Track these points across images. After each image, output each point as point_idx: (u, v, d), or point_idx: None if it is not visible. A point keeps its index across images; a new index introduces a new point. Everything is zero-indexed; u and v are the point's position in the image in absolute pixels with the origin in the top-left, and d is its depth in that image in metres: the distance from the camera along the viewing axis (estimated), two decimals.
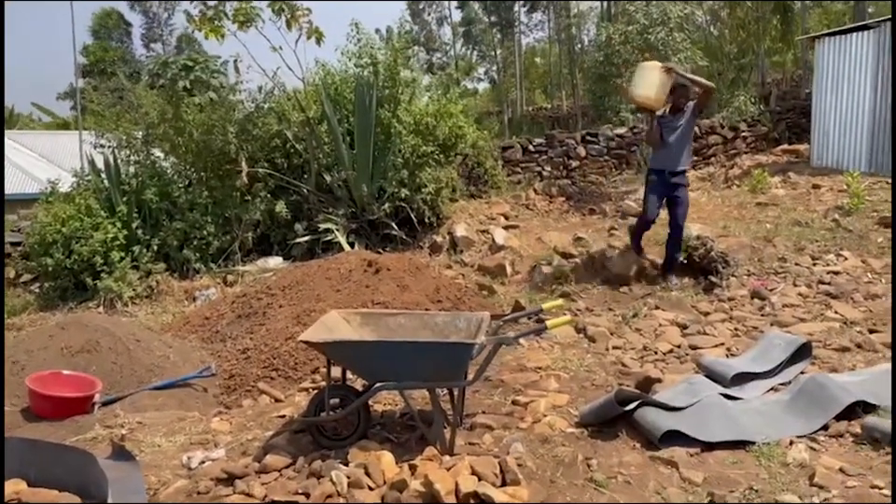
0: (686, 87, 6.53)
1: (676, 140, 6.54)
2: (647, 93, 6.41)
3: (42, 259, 8.00)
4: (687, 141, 6.63)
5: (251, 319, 6.19)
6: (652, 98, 6.39)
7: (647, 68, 6.57)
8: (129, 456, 3.57)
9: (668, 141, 6.55)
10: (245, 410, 4.56)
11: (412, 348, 3.37)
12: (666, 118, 6.61)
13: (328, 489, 3.00)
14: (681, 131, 6.55)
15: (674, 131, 6.55)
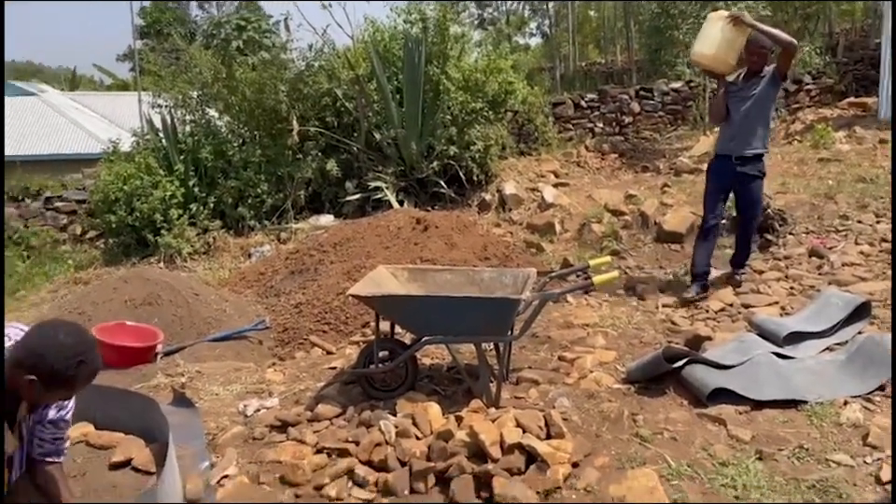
0: (762, 45, 4.97)
1: (745, 115, 5.02)
2: (705, 50, 5.08)
3: (106, 216, 8.32)
4: (761, 117, 5.06)
5: (304, 275, 6.34)
6: (710, 56, 5.05)
7: (710, 20, 5.16)
8: (189, 403, 3.75)
9: (734, 116, 5.08)
10: (297, 361, 4.71)
11: (458, 303, 3.40)
12: (737, 84, 5.13)
13: (376, 438, 3.09)
14: (754, 102, 5.00)
15: (743, 102, 5.04)
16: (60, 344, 2.05)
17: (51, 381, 2.04)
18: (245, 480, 2.98)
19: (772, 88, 5.07)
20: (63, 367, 2.03)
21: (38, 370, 2.01)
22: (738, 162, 5.06)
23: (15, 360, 2.05)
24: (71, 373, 2.05)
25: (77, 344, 2.08)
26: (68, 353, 2.05)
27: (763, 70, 5.03)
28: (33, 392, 2.06)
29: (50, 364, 2.02)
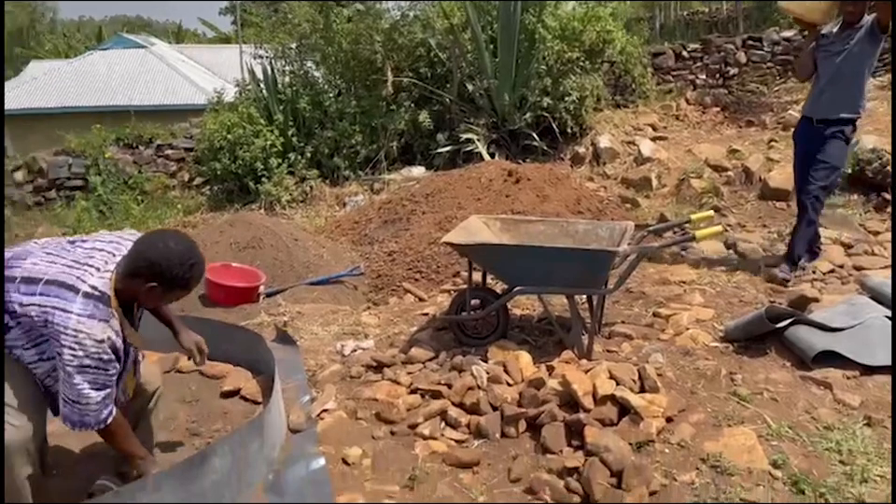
0: None
1: (835, 72, 4.41)
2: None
3: (211, 164, 8.72)
4: (854, 75, 4.39)
5: (396, 224, 6.46)
6: (801, 3, 4.57)
7: None
8: (291, 341, 3.95)
9: (822, 73, 4.50)
10: (391, 307, 4.84)
11: (552, 254, 3.38)
12: (830, 37, 4.48)
13: (468, 382, 3.16)
14: (846, 58, 4.37)
15: (834, 57, 4.41)
16: (173, 251, 2.28)
17: (171, 284, 2.29)
18: (343, 414, 3.13)
19: (869, 42, 4.34)
20: (181, 271, 2.27)
21: (158, 276, 2.24)
22: (822, 126, 4.48)
23: (131, 271, 2.26)
24: (187, 275, 2.30)
25: (187, 249, 2.32)
26: (182, 258, 2.28)
27: (861, 21, 4.36)
28: (154, 297, 2.31)
29: (168, 269, 2.25)
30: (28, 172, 9.19)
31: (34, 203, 9.06)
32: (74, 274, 2.22)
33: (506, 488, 2.57)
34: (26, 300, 2.18)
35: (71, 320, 2.14)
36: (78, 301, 2.17)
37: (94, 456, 2.82)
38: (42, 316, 2.16)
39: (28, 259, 2.28)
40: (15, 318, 2.23)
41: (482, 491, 2.55)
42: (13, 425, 2.24)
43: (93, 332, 2.18)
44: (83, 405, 2.22)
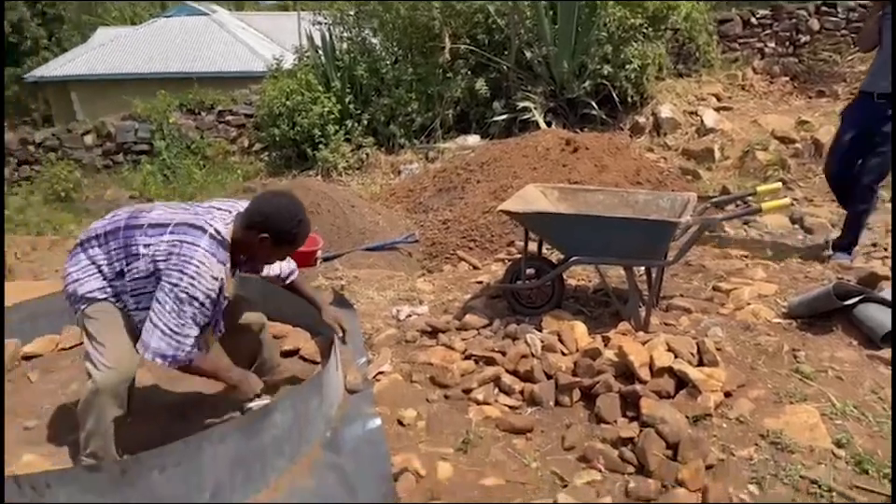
0: None
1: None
2: None
3: (270, 130, 8.86)
4: None
5: (451, 193, 6.47)
6: None
7: None
8: (348, 304, 4.02)
9: (885, 44, 4.18)
10: (445, 274, 4.87)
11: (612, 224, 3.33)
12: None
13: (522, 350, 3.16)
14: None
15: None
16: (284, 207, 2.51)
17: (279, 237, 2.47)
18: (398, 377, 3.18)
19: None
20: (289, 225, 2.48)
21: (269, 228, 2.45)
22: (882, 102, 4.11)
23: (247, 223, 2.48)
24: (295, 230, 2.51)
25: (296, 208, 2.54)
26: (291, 214, 2.50)
27: None
28: (265, 249, 2.49)
29: (279, 223, 2.46)
30: (97, 136, 9.52)
31: (102, 167, 9.39)
32: (201, 218, 2.47)
33: (559, 455, 2.58)
34: (153, 240, 2.41)
35: (198, 252, 2.36)
36: (205, 239, 2.40)
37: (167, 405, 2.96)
38: (167, 250, 2.37)
39: (154, 211, 2.53)
40: (133, 261, 2.44)
41: (535, 457, 2.57)
42: (108, 366, 2.43)
43: (212, 269, 2.39)
44: (182, 338, 2.38)
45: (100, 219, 2.64)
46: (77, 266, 2.55)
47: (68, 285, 2.56)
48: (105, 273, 2.52)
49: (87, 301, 2.52)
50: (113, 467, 2.23)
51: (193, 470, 2.26)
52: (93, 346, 2.50)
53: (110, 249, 2.50)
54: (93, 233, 2.56)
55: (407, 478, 2.46)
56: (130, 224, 2.49)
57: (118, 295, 2.51)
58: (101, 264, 2.52)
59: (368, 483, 2.44)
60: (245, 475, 2.38)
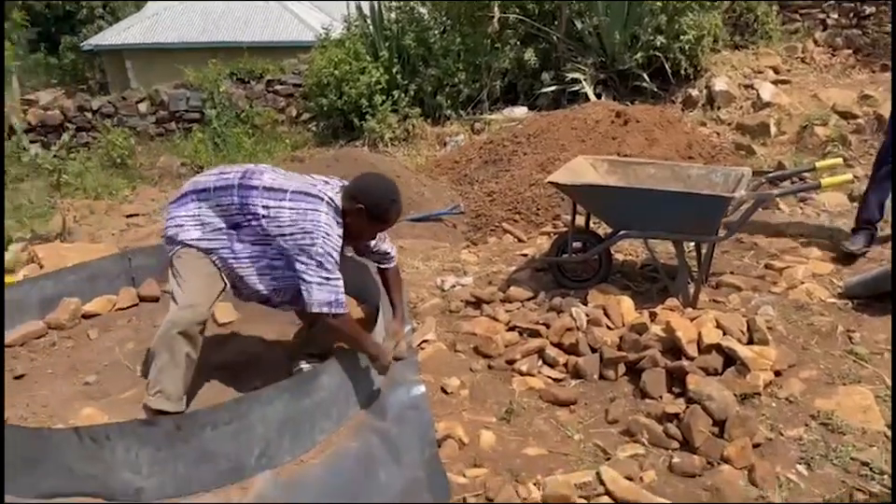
0: None
1: None
2: None
3: (318, 100, 8.90)
4: None
5: (497, 165, 6.42)
6: None
7: None
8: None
9: None
10: (490, 246, 4.86)
11: (662, 197, 3.27)
12: None
13: (567, 323, 3.15)
14: None
15: None
16: (382, 185, 2.71)
17: (374, 212, 2.63)
18: (442, 346, 3.21)
19: None
20: (383, 201, 2.64)
21: (366, 200, 2.61)
22: None
23: (350, 193, 2.67)
24: (388, 208, 2.66)
25: (392, 189, 2.71)
26: (387, 192, 2.68)
27: None
28: (359, 220, 2.65)
29: (377, 197, 2.63)
30: (151, 104, 9.72)
31: (155, 134, 9.60)
32: (315, 188, 2.65)
33: (602, 428, 2.58)
34: (273, 204, 2.60)
35: (322, 217, 2.56)
36: (323, 206, 2.58)
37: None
38: (292, 218, 2.56)
39: (265, 174, 2.70)
40: (254, 219, 2.62)
41: (578, 429, 2.58)
42: (186, 304, 2.61)
43: (334, 231, 2.59)
44: (336, 282, 2.55)
45: (205, 174, 2.83)
46: (184, 213, 2.72)
47: (170, 228, 2.74)
48: (211, 225, 2.69)
49: (184, 245, 2.70)
50: (168, 422, 2.31)
51: (244, 429, 2.33)
52: (177, 284, 2.70)
53: (222, 204, 2.68)
54: (202, 186, 2.73)
55: (450, 444, 2.49)
56: (244, 184, 2.66)
57: (213, 247, 2.69)
58: (208, 216, 2.70)
59: (412, 447, 2.48)
60: (293, 435, 2.45)
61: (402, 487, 2.28)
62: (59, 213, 6.22)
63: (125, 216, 6.45)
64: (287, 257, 2.62)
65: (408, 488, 2.27)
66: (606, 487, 2.17)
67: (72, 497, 2.25)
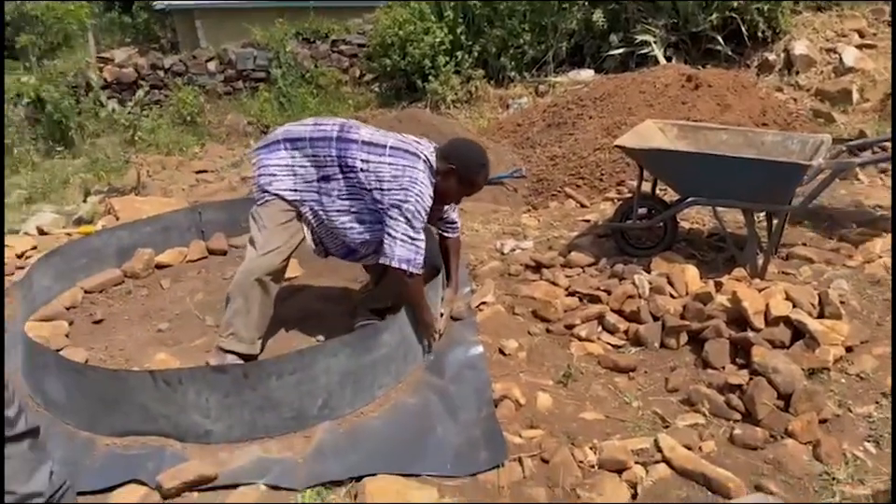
0: None
1: None
2: None
3: (382, 60, 8.88)
4: None
5: (560, 129, 6.31)
6: None
7: None
8: None
9: None
10: (551, 210, 4.81)
11: (734, 164, 3.15)
12: None
13: (628, 290, 3.11)
14: None
15: None
16: (475, 150, 2.79)
17: (464, 174, 2.69)
18: (501, 308, 3.22)
19: None
20: (475, 167, 2.71)
21: (459, 162, 2.68)
22: None
23: (444, 153, 2.73)
24: (478, 171, 2.72)
25: (483, 153, 2.78)
26: (479, 156, 2.75)
27: None
28: (449, 181, 2.70)
29: (469, 160, 2.70)
30: (219, 62, 9.89)
31: (223, 93, 9.78)
32: (413, 146, 2.70)
33: (662, 396, 2.55)
34: (374, 158, 2.64)
35: (419, 175, 2.61)
36: (421, 164, 2.64)
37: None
38: (391, 172, 2.61)
39: (362, 129, 2.75)
40: (350, 172, 2.66)
41: (636, 396, 2.56)
42: (264, 252, 2.71)
43: (428, 190, 2.64)
44: (419, 243, 2.62)
45: (298, 123, 2.85)
46: (276, 161, 2.77)
47: (263, 176, 2.78)
48: (303, 175, 2.73)
49: (273, 195, 2.75)
50: (236, 370, 2.40)
51: (307, 379, 2.40)
52: (258, 231, 2.78)
53: (318, 155, 2.71)
54: (297, 136, 2.75)
55: (507, 405, 2.51)
56: (343, 137, 2.69)
57: (304, 199, 2.75)
58: (301, 166, 2.73)
59: (469, 405, 2.51)
60: (354, 388, 2.51)
61: (459, 444, 2.32)
62: (133, 167, 6.45)
63: (194, 172, 6.64)
64: (377, 210, 2.66)
65: (465, 445, 2.31)
66: (663, 455, 2.15)
67: (146, 436, 2.38)
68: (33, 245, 4.38)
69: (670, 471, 2.10)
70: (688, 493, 2.01)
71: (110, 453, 2.34)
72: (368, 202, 2.69)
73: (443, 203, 2.88)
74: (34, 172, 6.99)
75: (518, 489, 2.09)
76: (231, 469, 2.23)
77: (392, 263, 2.61)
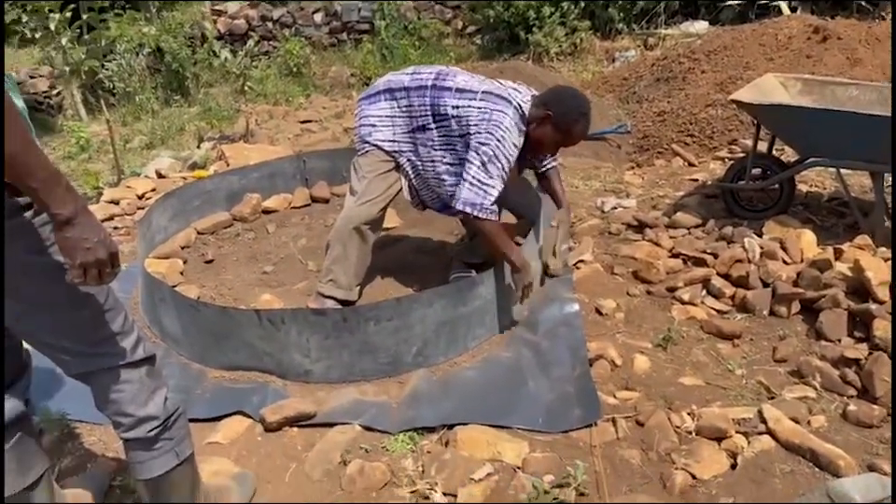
0: None
1: None
2: None
3: (484, 11, 8.71)
4: None
5: (670, 83, 6.01)
6: None
7: None
8: None
9: None
10: (656, 168, 4.62)
11: (864, 122, 2.89)
12: None
13: (737, 254, 2.96)
14: None
15: None
16: (576, 97, 2.64)
17: (559, 122, 2.57)
18: (599, 267, 3.15)
19: None
20: (572, 113, 2.57)
21: (555, 108, 2.56)
22: None
23: (540, 100, 2.62)
24: (575, 121, 2.57)
25: (584, 103, 2.62)
26: (579, 105, 2.59)
27: None
28: (544, 128, 2.59)
29: (565, 107, 2.56)
30: (325, 14, 10.01)
31: (328, 44, 9.91)
32: (506, 91, 2.61)
33: (768, 366, 2.43)
34: (464, 103, 2.59)
35: (506, 119, 2.53)
36: (511, 110, 2.55)
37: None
38: (479, 116, 2.55)
39: (458, 76, 2.70)
40: (443, 120, 2.64)
41: (740, 364, 2.45)
42: (363, 201, 2.75)
43: (513, 137, 2.55)
44: (488, 188, 2.55)
45: (398, 73, 2.83)
46: (377, 112, 2.78)
47: (363, 126, 2.81)
48: (401, 126, 2.74)
49: (372, 145, 2.78)
50: (336, 313, 2.47)
51: (403, 327, 2.45)
52: (358, 180, 2.82)
53: (415, 104, 2.69)
54: (396, 85, 2.74)
55: (602, 364, 2.47)
56: (437, 85, 2.66)
57: (402, 149, 2.76)
58: (399, 116, 2.74)
59: (562, 362, 2.48)
60: (448, 338, 2.54)
61: (551, 400, 2.30)
62: (243, 116, 6.69)
63: (299, 121, 6.80)
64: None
65: (557, 401, 2.29)
66: (767, 426, 2.05)
67: (252, 372, 2.51)
68: (152, 188, 4.66)
69: (774, 444, 2.00)
70: (793, 467, 1.91)
71: (219, 385, 2.48)
72: (461, 151, 2.65)
73: (538, 153, 2.79)
74: (153, 119, 7.37)
75: (611, 449, 2.06)
76: (329, 409, 2.31)
77: (457, 206, 2.58)
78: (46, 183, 1.20)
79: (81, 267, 1.29)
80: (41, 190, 1.20)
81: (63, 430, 2.29)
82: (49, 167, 1.22)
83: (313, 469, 2.06)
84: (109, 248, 1.32)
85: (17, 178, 1.19)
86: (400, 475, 2.01)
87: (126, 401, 1.54)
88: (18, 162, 1.17)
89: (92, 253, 1.29)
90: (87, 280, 1.31)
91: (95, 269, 1.30)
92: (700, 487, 1.89)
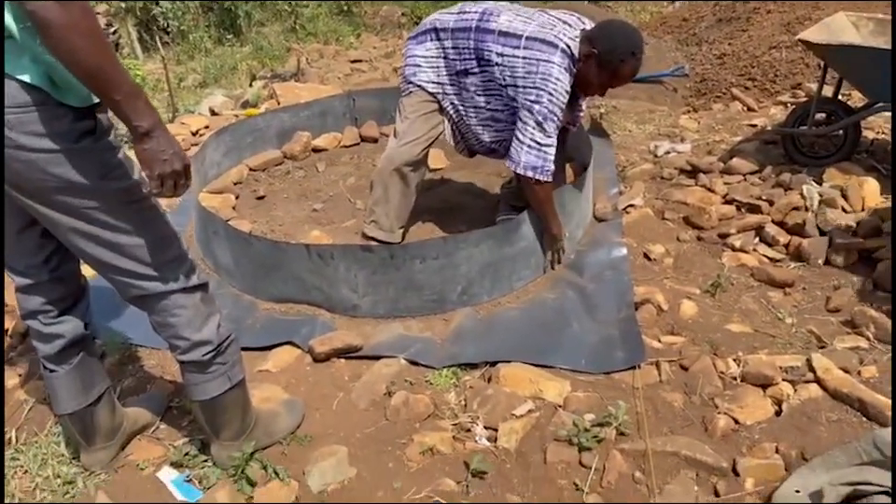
0: None
1: None
2: None
3: None
4: None
5: (732, 24, 5.75)
6: None
7: None
8: (604, 133, 3.92)
9: None
10: (713, 113, 4.47)
11: None
12: None
13: (794, 201, 2.87)
14: None
15: None
16: (626, 33, 2.38)
17: (605, 59, 2.36)
18: (649, 212, 3.09)
19: None
20: (621, 50, 2.34)
21: (602, 46, 2.35)
22: None
23: (588, 35, 2.41)
24: (622, 58, 2.35)
25: (636, 40, 2.37)
26: (629, 42, 2.35)
27: None
28: (590, 67, 2.40)
29: (612, 44, 2.34)
30: None
31: None
32: (551, 33, 2.40)
33: (820, 315, 2.38)
34: (508, 51, 2.43)
35: (554, 69, 2.36)
36: (558, 54, 2.37)
37: None
38: (525, 67, 2.40)
39: (501, 16, 2.51)
40: (487, 66, 2.51)
41: (791, 312, 2.40)
42: (404, 142, 2.72)
43: (564, 83, 2.39)
44: (548, 149, 2.47)
45: (445, 11, 2.69)
46: (423, 52, 2.68)
47: (408, 66, 2.73)
48: (445, 68, 2.64)
49: (416, 86, 2.72)
50: (383, 250, 2.51)
51: (449, 265, 2.47)
52: (401, 121, 2.77)
53: (459, 47, 2.57)
54: (443, 25, 2.62)
55: (648, 309, 2.46)
56: (481, 27, 2.51)
57: (445, 92, 2.67)
58: (445, 57, 2.63)
59: (608, 305, 2.48)
60: (493, 278, 2.55)
61: (595, 342, 2.31)
62: (294, 55, 6.68)
63: (350, 61, 6.76)
64: (513, 108, 2.53)
65: (601, 343, 2.30)
66: (816, 375, 2.02)
67: (301, 304, 2.58)
68: (205, 125, 4.74)
69: (822, 392, 1.97)
70: (840, 416, 1.89)
71: (269, 316, 2.56)
72: (505, 98, 2.54)
73: (584, 93, 2.64)
74: (206, 58, 7.44)
75: (653, 391, 2.07)
76: (376, 342, 2.37)
77: (517, 170, 2.50)
78: (129, 96, 1.25)
79: (159, 178, 1.35)
80: (124, 103, 1.25)
81: (125, 354, 2.40)
82: (131, 81, 1.26)
83: (359, 399, 2.13)
84: (184, 160, 1.37)
85: (101, 90, 1.23)
86: (443, 408, 2.06)
87: (182, 325, 1.61)
88: (103, 75, 1.21)
89: (169, 164, 1.34)
90: (164, 191, 1.37)
91: (171, 180, 1.36)
92: (742, 432, 1.89)
